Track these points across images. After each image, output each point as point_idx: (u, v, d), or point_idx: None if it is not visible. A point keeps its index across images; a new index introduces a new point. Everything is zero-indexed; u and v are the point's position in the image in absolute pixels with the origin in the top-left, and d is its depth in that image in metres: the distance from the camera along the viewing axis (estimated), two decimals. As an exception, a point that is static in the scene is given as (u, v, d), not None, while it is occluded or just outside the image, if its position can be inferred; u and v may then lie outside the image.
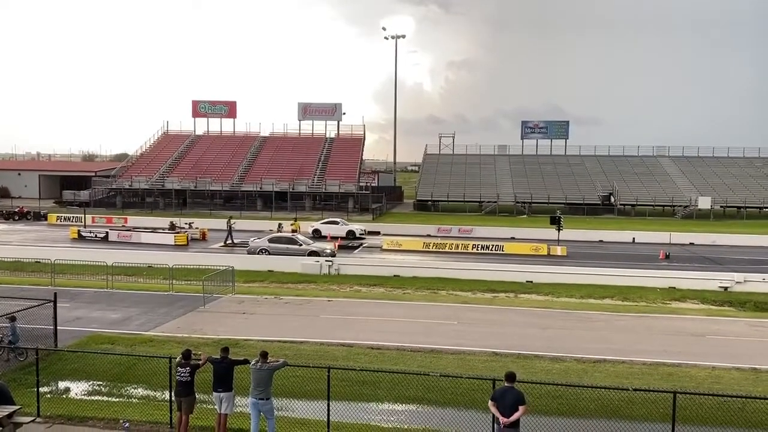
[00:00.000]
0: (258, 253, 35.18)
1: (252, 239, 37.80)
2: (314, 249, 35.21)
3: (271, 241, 36.46)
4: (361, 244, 43.37)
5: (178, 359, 11.78)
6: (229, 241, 41.82)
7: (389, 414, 13.39)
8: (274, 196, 66.95)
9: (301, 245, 35.60)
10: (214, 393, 11.52)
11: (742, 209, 66.94)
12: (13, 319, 15.93)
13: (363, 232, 47.16)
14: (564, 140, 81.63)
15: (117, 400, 13.99)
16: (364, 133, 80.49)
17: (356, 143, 78.63)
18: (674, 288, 27.98)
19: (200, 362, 11.80)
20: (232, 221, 43.88)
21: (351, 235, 46.10)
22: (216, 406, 11.64)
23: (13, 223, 54.51)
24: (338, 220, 49.47)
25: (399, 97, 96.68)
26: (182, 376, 11.56)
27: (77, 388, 14.76)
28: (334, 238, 43.35)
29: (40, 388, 12.88)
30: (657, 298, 26.33)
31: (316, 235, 45.14)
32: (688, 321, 22.06)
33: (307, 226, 47.44)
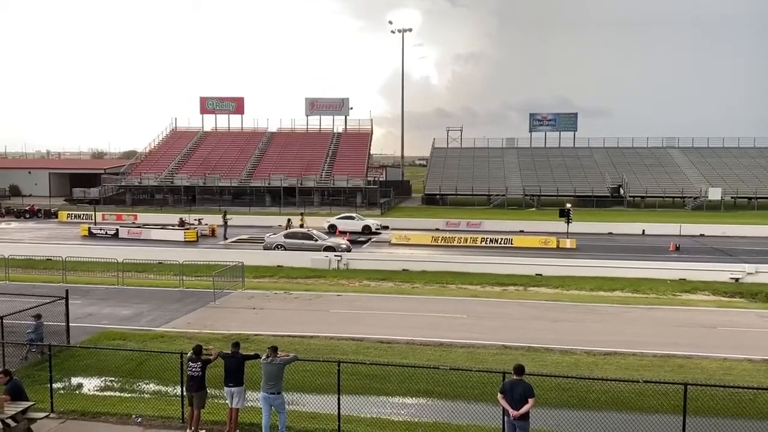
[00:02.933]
0: (274, 249, 35.21)
1: (267, 235, 37.89)
2: (330, 244, 35.25)
3: (286, 236, 36.51)
4: (370, 239, 43.40)
5: (189, 355, 11.86)
6: (227, 237, 42.20)
7: (399, 407, 13.43)
8: (282, 191, 67.07)
9: (316, 240, 35.64)
10: (225, 387, 11.59)
11: (752, 200, 66.46)
12: (38, 317, 16.11)
13: (379, 227, 47.20)
14: (572, 132, 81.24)
15: (129, 395, 14.11)
16: (372, 128, 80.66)
17: (364, 138, 78.62)
18: (684, 280, 27.84)
19: (211, 357, 11.87)
20: (228, 217, 44.08)
21: (367, 230, 46.14)
22: (227, 401, 11.71)
23: (24, 221, 54.93)
24: (354, 215, 49.36)
25: (406, 90, 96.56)
26: (193, 372, 11.64)
27: (90, 384, 14.89)
28: (342, 233, 43.35)
29: (53, 384, 13.01)
30: (667, 290, 26.19)
31: (331, 230, 45.19)
32: (698, 313, 21.95)
33: (323, 222, 47.48)
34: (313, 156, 74.34)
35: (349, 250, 34.95)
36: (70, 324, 17.13)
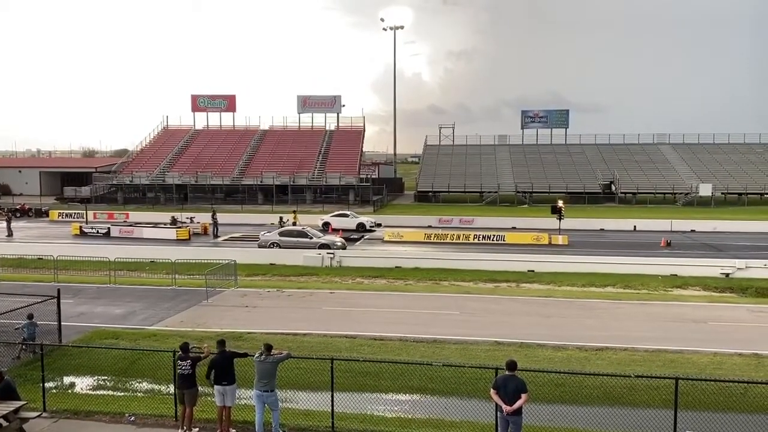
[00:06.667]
0: (269, 247, 35.07)
1: (262, 233, 37.80)
2: (325, 242, 35.20)
3: (281, 234, 36.39)
4: (363, 236, 43.41)
5: (177, 353, 11.79)
6: (217, 236, 42.18)
7: (393, 404, 13.46)
8: (274, 189, 66.93)
9: (311, 238, 35.55)
10: (216, 386, 11.52)
11: (743, 195, 66.81)
12: (30, 317, 16.07)
13: (373, 225, 47.23)
14: (564, 129, 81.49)
15: (122, 394, 14.08)
16: (364, 125, 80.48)
17: (356, 135, 78.53)
18: (676, 275, 28.00)
19: (202, 354, 11.85)
20: (215, 216, 44.06)
21: (361, 227, 46.15)
22: (216, 399, 11.65)
23: (15, 220, 54.40)
24: (348, 212, 49.37)
25: (398, 88, 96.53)
26: (183, 370, 11.59)
27: (82, 383, 14.84)
28: (336, 230, 43.34)
29: (45, 384, 12.96)
30: (658, 285, 26.35)
31: (325, 227, 45.17)
32: (689, 308, 22.09)
33: (316, 219, 47.50)
34: (305, 153, 74.19)
35: (344, 247, 34.92)
36: (62, 323, 17.08)
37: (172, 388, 12.49)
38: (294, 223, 42.82)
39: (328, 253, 31.69)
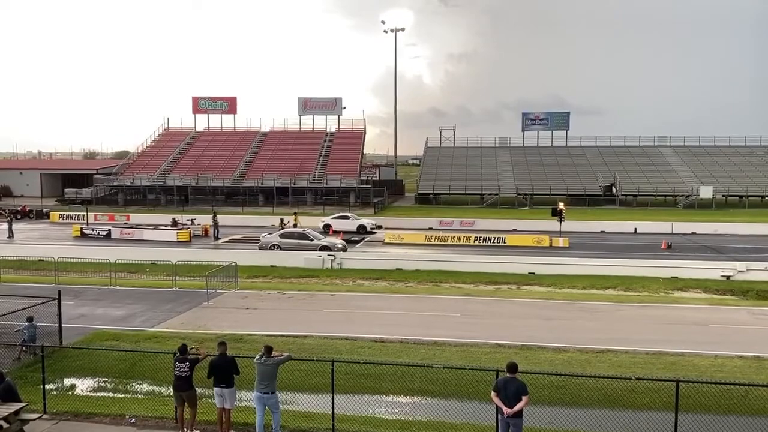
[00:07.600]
0: (270, 249, 35.08)
1: (263, 235, 37.83)
2: (325, 244, 35.22)
3: (282, 236, 36.39)
4: (363, 239, 43.42)
5: (176, 355, 11.78)
6: (218, 238, 42.20)
7: (393, 406, 13.46)
8: (275, 191, 66.92)
9: (312, 240, 35.58)
10: (215, 388, 11.51)
11: (743, 198, 66.83)
12: (30, 319, 16.08)
13: (374, 227, 47.26)
14: (565, 131, 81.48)
15: (122, 396, 14.08)
16: (365, 127, 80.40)
17: (357, 137, 78.53)
18: (676, 277, 27.97)
19: (200, 356, 11.85)
20: (216, 218, 44.08)
21: (362, 229, 46.18)
22: (216, 401, 11.64)
23: (16, 221, 54.46)
24: (349, 214, 49.45)
25: (399, 90, 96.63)
26: (181, 371, 11.57)
27: (83, 385, 14.85)
28: (337, 232, 43.34)
29: (46, 385, 12.96)
30: (659, 287, 26.33)
31: (326, 229, 45.20)
32: (690, 310, 22.08)
33: (317, 221, 47.57)
34: (306, 155, 74.18)
35: (345, 249, 34.93)
36: (63, 325, 17.08)
37: (172, 390, 12.49)
38: (295, 225, 42.82)
39: (328, 255, 31.70)
